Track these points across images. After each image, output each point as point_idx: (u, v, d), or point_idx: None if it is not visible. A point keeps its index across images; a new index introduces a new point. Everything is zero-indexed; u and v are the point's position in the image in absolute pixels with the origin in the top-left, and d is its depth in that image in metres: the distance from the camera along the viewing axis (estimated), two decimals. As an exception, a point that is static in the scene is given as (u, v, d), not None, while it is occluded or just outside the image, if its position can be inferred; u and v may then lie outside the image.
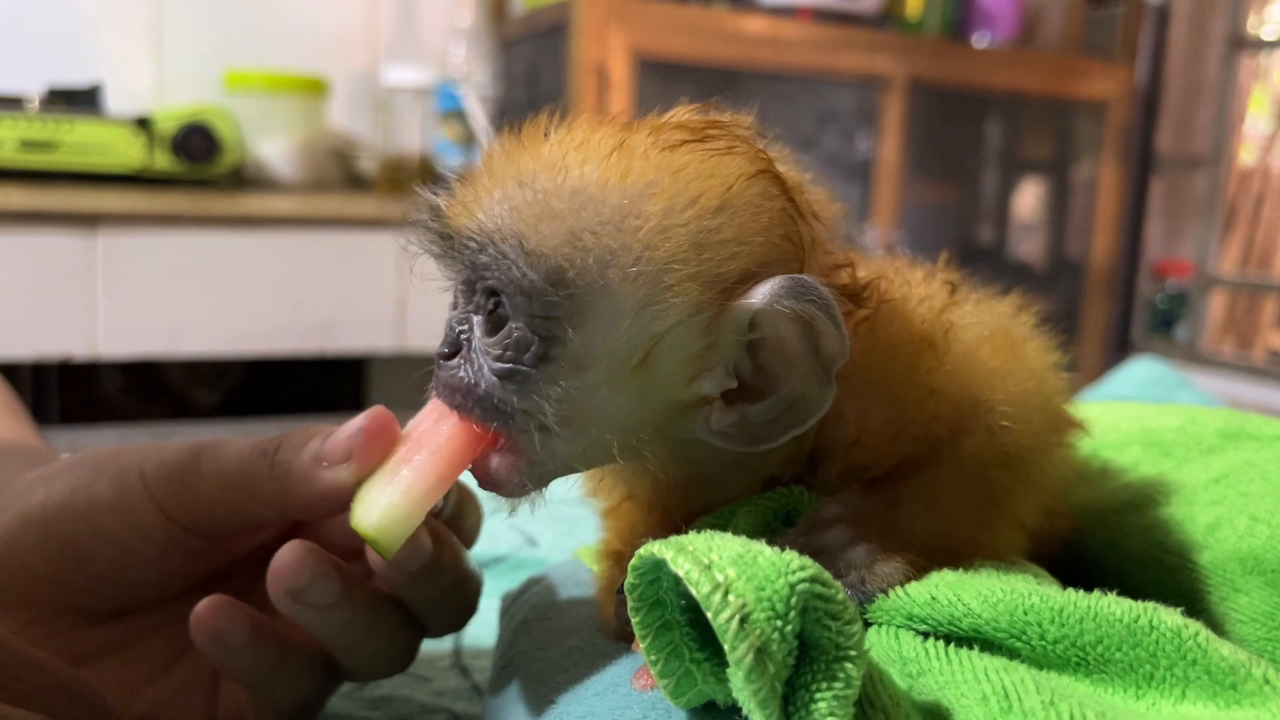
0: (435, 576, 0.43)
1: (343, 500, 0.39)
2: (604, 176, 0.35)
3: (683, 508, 0.39)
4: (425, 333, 1.73)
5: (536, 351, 0.35)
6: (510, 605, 0.49)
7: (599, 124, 0.37)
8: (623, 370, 0.35)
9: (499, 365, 0.35)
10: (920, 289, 0.41)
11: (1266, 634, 0.41)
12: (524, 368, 0.35)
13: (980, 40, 2.30)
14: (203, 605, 0.41)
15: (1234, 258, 2.68)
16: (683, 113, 0.38)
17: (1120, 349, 2.29)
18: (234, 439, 0.43)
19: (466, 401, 0.36)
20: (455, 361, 0.37)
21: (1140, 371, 1.03)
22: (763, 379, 0.36)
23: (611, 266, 0.34)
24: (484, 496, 0.41)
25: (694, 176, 0.35)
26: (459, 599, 0.45)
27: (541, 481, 0.37)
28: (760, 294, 0.34)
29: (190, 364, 1.93)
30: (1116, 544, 0.48)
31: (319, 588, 0.40)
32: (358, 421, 0.40)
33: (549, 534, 0.72)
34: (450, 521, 0.45)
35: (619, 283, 0.34)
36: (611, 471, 0.42)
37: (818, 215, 0.37)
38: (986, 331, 0.40)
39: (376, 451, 0.39)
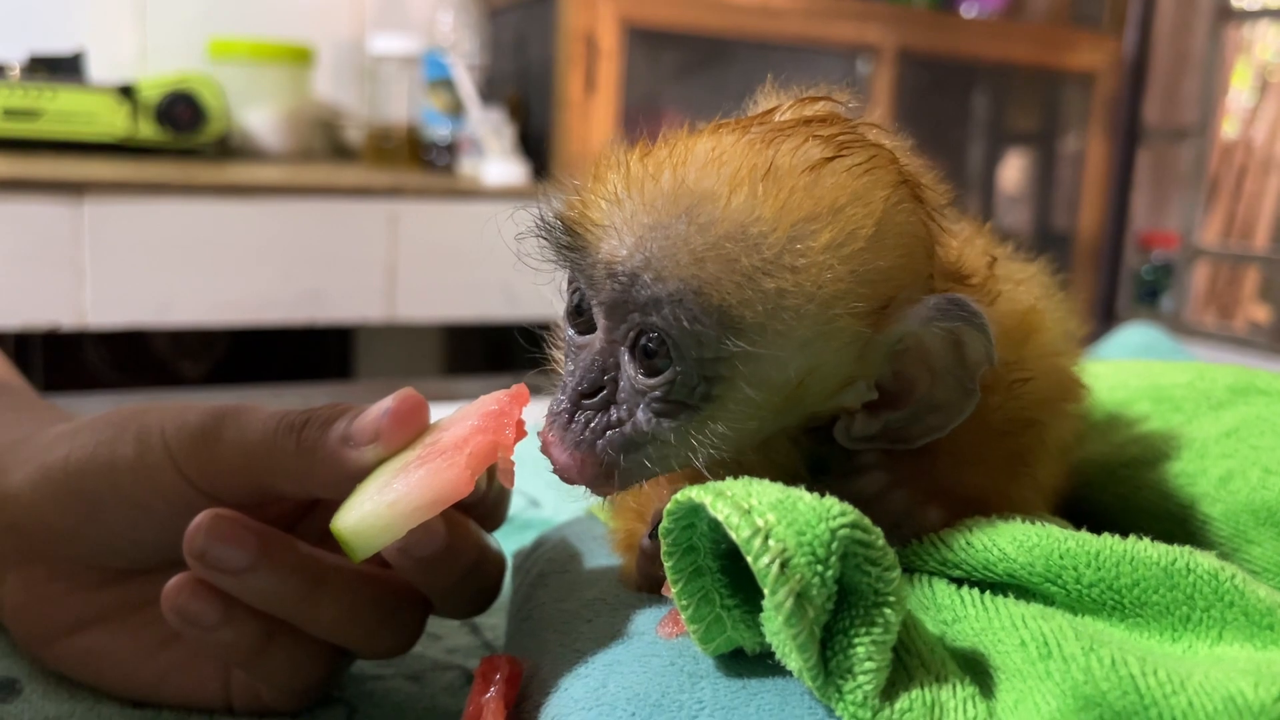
0: (448, 562, 0.41)
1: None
2: (763, 211, 0.33)
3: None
4: (415, 303, 1.72)
5: (701, 391, 0.34)
6: (524, 561, 0.49)
7: (733, 133, 0.36)
8: (777, 396, 0.35)
9: (660, 405, 0.35)
10: (965, 257, 0.41)
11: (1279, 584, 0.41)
12: (688, 405, 0.34)
13: (969, 10, 2.30)
14: (171, 583, 0.40)
15: (1216, 230, 2.69)
16: (803, 107, 0.38)
17: (1106, 320, 2.29)
18: (259, 406, 0.42)
19: (605, 446, 0.35)
20: (596, 400, 0.36)
21: (1133, 338, 1.03)
22: (901, 384, 0.36)
23: (782, 309, 0.33)
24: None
25: (847, 203, 0.34)
26: (475, 584, 0.44)
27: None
28: (916, 317, 0.34)
29: (175, 333, 1.91)
30: (1127, 498, 0.49)
31: (224, 552, 0.39)
32: (386, 403, 0.39)
33: (551, 495, 0.72)
34: (470, 506, 0.43)
35: (788, 323, 0.33)
36: None
37: (937, 207, 0.37)
38: (1021, 305, 0.41)
39: (403, 433, 0.39)
